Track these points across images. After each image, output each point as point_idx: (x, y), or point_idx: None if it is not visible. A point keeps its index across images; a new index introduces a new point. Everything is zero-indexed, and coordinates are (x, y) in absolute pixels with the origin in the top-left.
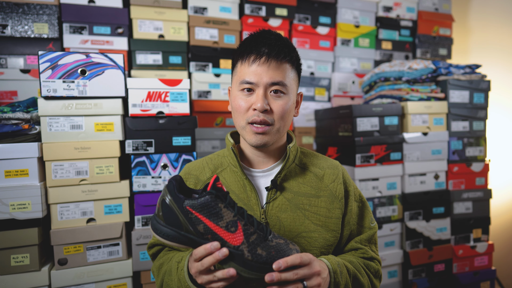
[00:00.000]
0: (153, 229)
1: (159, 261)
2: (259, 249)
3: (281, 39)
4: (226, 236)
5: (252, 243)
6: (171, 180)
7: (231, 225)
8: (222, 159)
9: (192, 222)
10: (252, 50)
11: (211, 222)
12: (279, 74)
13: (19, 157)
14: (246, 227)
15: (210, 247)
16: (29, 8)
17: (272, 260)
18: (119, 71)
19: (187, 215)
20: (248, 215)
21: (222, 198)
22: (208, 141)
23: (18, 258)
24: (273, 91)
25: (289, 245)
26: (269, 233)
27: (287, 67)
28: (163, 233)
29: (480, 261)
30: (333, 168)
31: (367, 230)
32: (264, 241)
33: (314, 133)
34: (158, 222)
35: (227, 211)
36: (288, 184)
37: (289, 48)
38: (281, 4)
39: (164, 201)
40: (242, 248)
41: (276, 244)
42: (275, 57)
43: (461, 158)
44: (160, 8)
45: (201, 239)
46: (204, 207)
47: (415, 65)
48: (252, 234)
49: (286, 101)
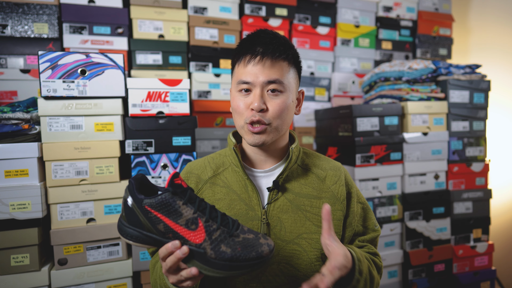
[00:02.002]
0: (119, 231)
1: (155, 258)
2: (223, 246)
3: (276, 37)
4: (187, 234)
5: (215, 240)
6: (130, 180)
7: (191, 222)
8: (224, 159)
9: (153, 222)
10: (247, 50)
11: (170, 220)
12: (275, 72)
13: (19, 157)
14: (207, 224)
15: (171, 246)
16: (29, 8)
17: (237, 257)
18: (119, 71)
19: (147, 214)
20: (212, 211)
21: (181, 195)
22: (208, 141)
23: (18, 258)
24: (270, 90)
25: (259, 240)
26: (235, 228)
27: (284, 65)
28: (127, 234)
29: (480, 261)
30: (335, 169)
31: (371, 232)
32: (229, 237)
33: (314, 133)
34: (122, 224)
35: (187, 208)
36: (289, 185)
37: (285, 46)
38: (281, 4)
39: (126, 202)
40: (205, 246)
41: (243, 239)
42: (270, 55)
43: (461, 158)
44: (160, 8)
45: (163, 238)
46: (163, 206)
47: (415, 65)
48: (215, 230)
49: (283, 100)
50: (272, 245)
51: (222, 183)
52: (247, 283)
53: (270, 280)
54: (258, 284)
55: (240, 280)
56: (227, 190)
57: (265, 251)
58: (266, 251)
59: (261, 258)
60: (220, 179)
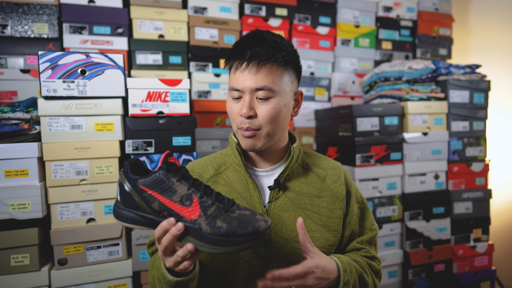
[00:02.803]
0: (114, 215)
1: (154, 257)
2: (218, 221)
3: (265, 40)
4: (182, 211)
5: (210, 215)
6: (125, 162)
7: (186, 198)
8: (225, 158)
9: (147, 201)
10: (236, 56)
11: (164, 198)
12: (263, 78)
13: (19, 157)
14: (202, 200)
15: (166, 224)
16: (29, 8)
17: (233, 232)
18: (119, 71)
19: (141, 194)
20: (206, 187)
21: (175, 173)
22: (208, 141)
23: (18, 258)
24: (259, 95)
25: (256, 216)
26: (231, 204)
27: (273, 69)
28: (122, 216)
29: (480, 261)
30: (335, 169)
31: (368, 231)
32: (225, 212)
33: (314, 133)
34: (118, 207)
35: (181, 185)
36: (290, 184)
37: (274, 50)
38: (281, 4)
39: (121, 184)
40: (200, 222)
41: (239, 215)
42: (257, 60)
43: (461, 158)
44: (160, 8)
45: (158, 217)
46: (157, 184)
47: (415, 65)
48: (210, 206)
49: (273, 105)
50: (269, 221)
51: (223, 182)
52: (248, 281)
53: None
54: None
55: (241, 278)
56: (228, 189)
57: (262, 226)
58: (263, 226)
59: (257, 233)
60: (222, 178)
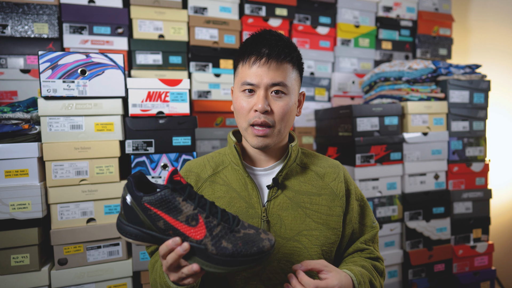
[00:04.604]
0: (118, 229)
1: (154, 258)
2: (224, 241)
3: (281, 39)
4: (187, 231)
5: (216, 235)
6: (129, 177)
7: (192, 218)
8: (224, 157)
9: (152, 219)
10: (252, 51)
11: (170, 217)
12: (280, 75)
13: (19, 157)
14: (208, 220)
15: (171, 243)
16: (29, 8)
17: (239, 253)
18: (119, 71)
19: (146, 212)
20: (212, 207)
21: (181, 192)
22: (208, 141)
23: (18, 258)
24: (274, 91)
25: (260, 235)
26: (236, 224)
27: (288, 68)
28: (126, 232)
29: (480, 261)
30: (334, 167)
31: (369, 229)
32: (230, 232)
33: (314, 133)
34: (121, 222)
35: (187, 204)
36: (289, 183)
37: (290, 49)
38: (281, 4)
39: (125, 200)
40: (206, 242)
41: (244, 235)
42: (275, 57)
43: (461, 158)
44: (160, 8)
45: (164, 236)
46: (162, 203)
47: (415, 65)
48: (215, 226)
49: (287, 102)
50: (273, 240)
51: (221, 181)
52: (247, 281)
53: (270, 277)
54: (258, 282)
55: (240, 278)
56: (227, 188)
57: (266, 246)
58: (267, 246)
59: (262, 253)
60: (220, 177)
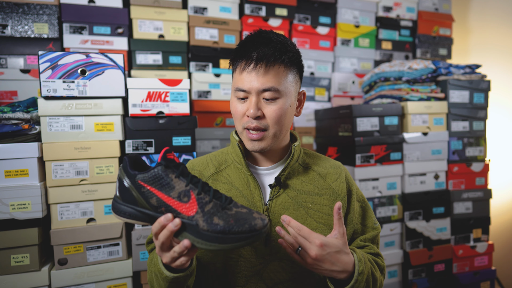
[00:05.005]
0: (113, 209)
1: (152, 254)
2: (215, 218)
3: (271, 41)
4: (179, 207)
5: (207, 212)
6: (125, 157)
7: (184, 195)
8: (226, 156)
9: (145, 196)
10: (242, 56)
11: (162, 193)
12: (270, 80)
13: (19, 157)
14: (200, 196)
15: (163, 219)
16: (29, 8)
17: (230, 229)
18: (119, 71)
19: (140, 189)
20: (204, 184)
21: (173, 169)
22: (208, 141)
23: (18, 258)
24: (265, 98)
25: (253, 214)
26: (228, 202)
27: (280, 70)
28: (120, 211)
29: (480, 261)
30: (335, 167)
31: (371, 230)
32: (222, 209)
33: (314, 133)
34: (116, 202)
35: (179, 181)
36: (291, 182)
37: (281, 50)
38: (281, 4)
39: (120, 179)
40: (197, 218)
41: (236, 212)
42: (264, 61)
43: (461, 158)
44: (160, 8)
45: (156, 213)
46: (155, 179)
47: (415, 65)
48: (207, 203)
49: (280, 106)
50: (266, 220)
51: (224, 179)
52: (248, 279)
53: (271, 276)
54: (259, 280)
55: (241, 276)
56: (229, 187)
57: (259, 224)
58: (260, 225)
59: (254, 231)
60: (223, 175)
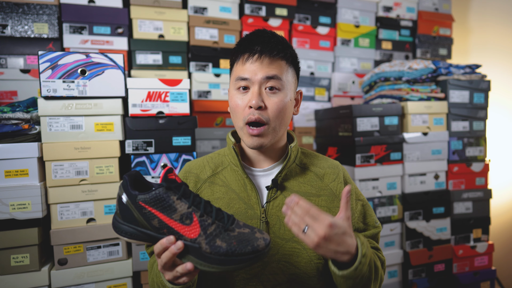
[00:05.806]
0: (113, 228)
1: (153, 258)
2: (218, 240)
3: (274, 36)
4: (181, 229)
5: (210, 234)
6: (124, 176)
7: (186, 217)
8: (223, 158)
9: (147, 217)
10: (245, 49)
11: (164, 216)
12: (273, 69)
13: (19, 157)
14: (202, 218)
15: (166, 241)
16: (29, 8)
17: (233, 252)
18: (119, 71)
19: (141, 210)
20: (206, 205)
21: (175, 190)
22: (208, 141)
23: (18, 258)
24: (269, 87)
25: (255, 234)
26: (231, 223)
27: (282, 64)
28: (122, 230)
29: (480, 261)
30: (333, 167)
31: (372, 228)
32: (224, 231)
33: (314, 133)
34: (117, 221)
35: (181, 203)
36: (288, 184)
37: (283, 45)
38: (281, 4)
39: (120, 199)
40: (200, 241)
41: (238, 234)
42: (268, 53)
43: (461, 158)
44: (160, 8)
45: (158, 234)
46: (157, 201)
47: (415, 65)
48: (210, 225)
49: (281, 98)
50: (268, 239)
51: (221, 182)
52: (247, 282)
53: (269, 278)
54: (258, 282)
55: (239, 279)
56: (226, 189)
57: (261, 245)
58: (262, 245)
59: (257, 252)
60: (219, 178)
